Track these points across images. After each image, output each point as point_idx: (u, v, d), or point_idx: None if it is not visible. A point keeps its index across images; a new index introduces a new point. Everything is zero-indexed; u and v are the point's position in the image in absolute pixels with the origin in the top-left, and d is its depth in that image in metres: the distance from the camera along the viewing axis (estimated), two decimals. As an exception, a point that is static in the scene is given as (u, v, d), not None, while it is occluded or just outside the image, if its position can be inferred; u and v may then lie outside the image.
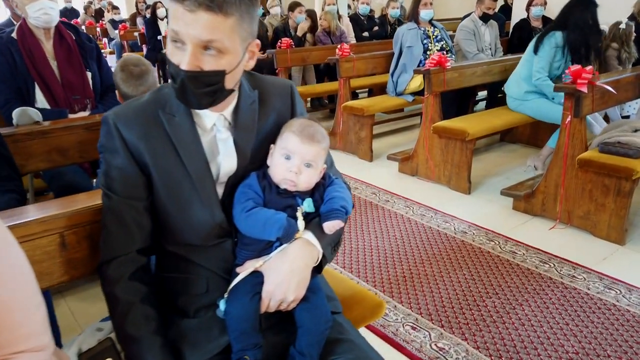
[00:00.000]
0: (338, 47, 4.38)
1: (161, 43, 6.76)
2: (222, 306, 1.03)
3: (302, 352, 1.04)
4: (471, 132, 3.33)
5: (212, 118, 1.05)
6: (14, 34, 2.34)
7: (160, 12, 6.90)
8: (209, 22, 0.88)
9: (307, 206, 1.06)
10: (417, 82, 4.26)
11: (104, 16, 9.78)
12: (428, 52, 4.27)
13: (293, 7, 5.44)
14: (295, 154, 1.05)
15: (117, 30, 7.97)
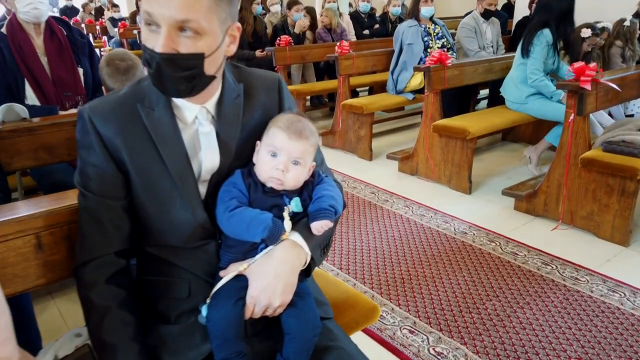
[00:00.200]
0: (337, 44, 4.33)
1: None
2: (204, 312, 0.98)
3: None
4: (472, 131, 3.28)
5: (194, 110, 1.00)
6: (3, 29, 2.31)
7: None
8: (183, 1, 0.83)
9: (294, 206, 1.01)
10: (418, 80, 4.21)
11: (103, 14, 9.74)
12: (429, 50, 4.21)
13: (290, 5, 5.42)
14: (282, 151, 0.99)
15: (116, 29, 7.92)
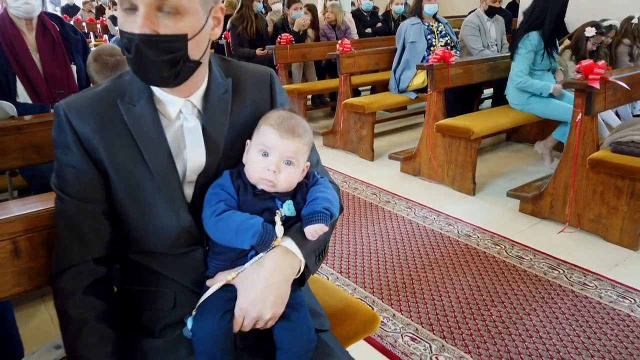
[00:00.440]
0: (339, 42, 4.26)
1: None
2: (189, 324, 0.91)
3: (281, 376, 0.91)
4: (476, 131, 3.21)
5: (178, 105, 0.93)
6: None
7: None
8: None
9: (287, 209, 0.93)
10: (421, 79, 4.13)
11: (104, 13, 9.69)
12: (432, 48, 4.13)
13: (290, 3, 5.35)
14: (273, 150, 0.92)
15: (117, 27, 7.88)
